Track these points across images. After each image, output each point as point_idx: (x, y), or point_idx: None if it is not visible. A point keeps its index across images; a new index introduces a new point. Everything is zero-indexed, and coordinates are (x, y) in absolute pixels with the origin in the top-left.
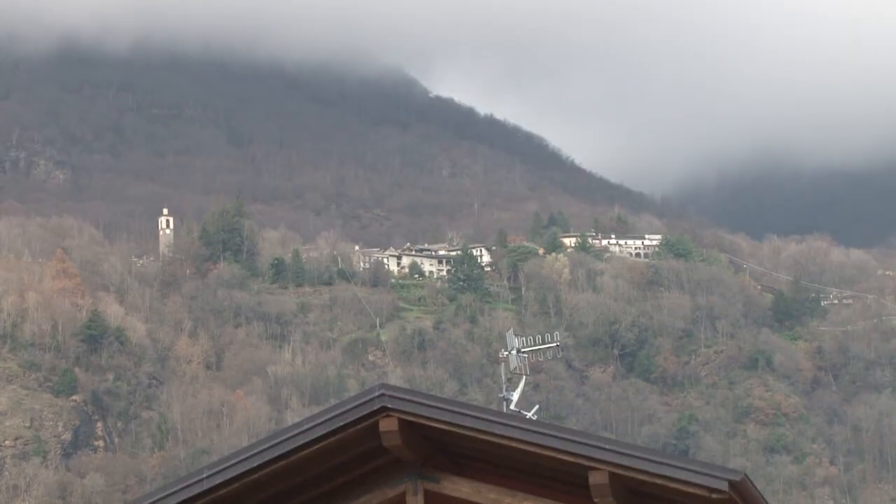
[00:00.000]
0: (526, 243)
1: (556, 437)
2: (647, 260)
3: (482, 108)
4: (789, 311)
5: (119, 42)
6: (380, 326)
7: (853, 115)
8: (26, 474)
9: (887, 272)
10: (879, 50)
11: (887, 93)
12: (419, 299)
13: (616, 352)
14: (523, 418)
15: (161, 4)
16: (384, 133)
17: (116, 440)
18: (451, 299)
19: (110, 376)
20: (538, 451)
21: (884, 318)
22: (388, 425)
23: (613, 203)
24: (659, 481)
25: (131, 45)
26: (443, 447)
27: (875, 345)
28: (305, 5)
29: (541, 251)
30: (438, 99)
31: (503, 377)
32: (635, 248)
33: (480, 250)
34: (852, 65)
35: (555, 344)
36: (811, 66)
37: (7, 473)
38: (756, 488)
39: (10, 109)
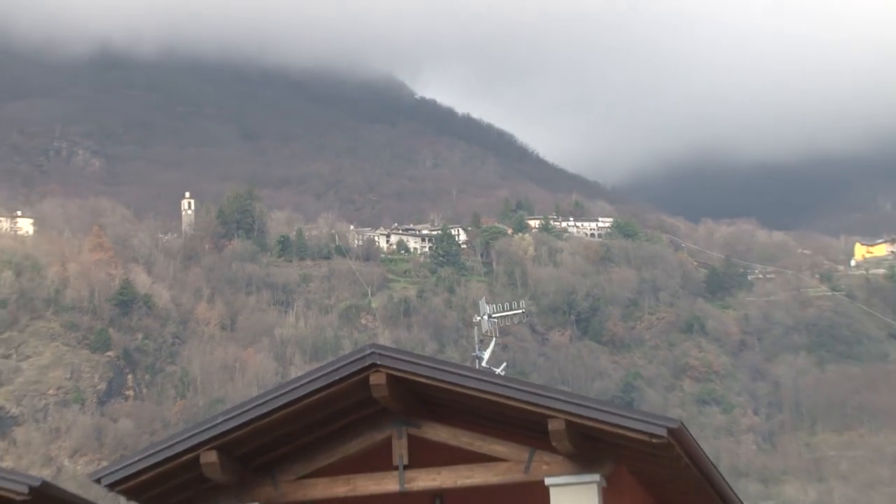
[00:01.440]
0: (497, 224)
1: (520, 389)
2: (600, 240)
3: (460, 109)
4: (721, 284)
5: (147, 48)
6: (371, 295)
7: (778, 115)
8: (66, 419)
9: (805, 251)
10: (803, 57)
11: (806, 94)
12: (405, 272)
13: (573, 318)
14: (493, 374)
15: (184, 15)
16: (376, 129)
17: (144, 390)
18: (433, 272)
19: (139, 336)
20: (505, 401)
21: (801, 290)
22: (377, 379)
23: (572, 191)
24: (608, 428)
25: (158, 51)
26: (424, 398)
27: (793, 313)
28: (309, 17)
29: (509, 231)
30: (423, 100)
31: (476, 339)
32: (590, 230)
33: (458, 230)
34: (776, 71)
35: (520, 311)
36: (741, 72)
37: (50, 418)
38: (690, 434)
39: (53, 106)
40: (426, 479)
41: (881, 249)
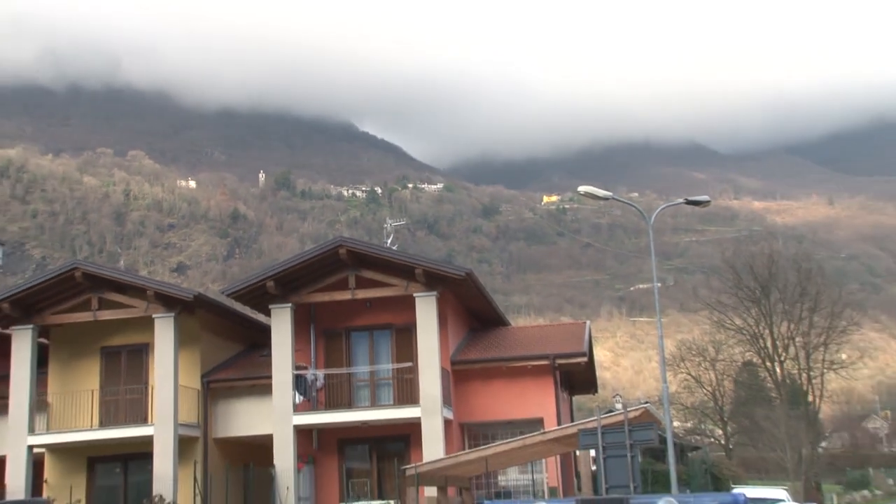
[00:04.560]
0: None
1: (403, 255)
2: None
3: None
4: None
5: (266, 112)
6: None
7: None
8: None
9: None
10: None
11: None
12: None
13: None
14: (393, 249)
15: (283, 87)
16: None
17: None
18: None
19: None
20: (398, 260)
21: None
22: (342, 251)
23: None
24: (441, 271)
25: (274, 114)
26: (363, 259)
27: None
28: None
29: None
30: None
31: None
32: (434, 189)
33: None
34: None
35: (402, 222)
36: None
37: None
38: (475, 274)
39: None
40: (363, 294)
41: None
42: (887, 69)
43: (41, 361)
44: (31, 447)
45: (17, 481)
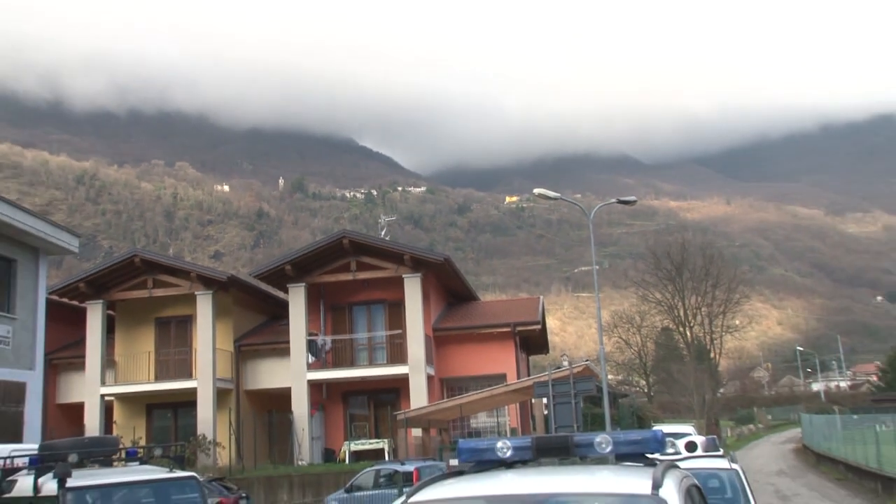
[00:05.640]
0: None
1: (394, 244)
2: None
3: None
4: None
5: (284, 130)
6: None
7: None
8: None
9: None
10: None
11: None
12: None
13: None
14: (381, 239)
15: (297, 110)
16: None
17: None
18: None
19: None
20: (396, 249)
21: None
22: (345, 241)
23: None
24: (422, 258)
25: (291, 132)
26: (362, 247)
27: None
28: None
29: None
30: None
31: (382, 223)
32: (418, 192)
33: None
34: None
35: (393, 217)
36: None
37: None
38: (452, 260)
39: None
40: (362, 275)
41: None
42: (769, 97)
43: (109, 329)
44: (102, 396)
45: (92, 422)
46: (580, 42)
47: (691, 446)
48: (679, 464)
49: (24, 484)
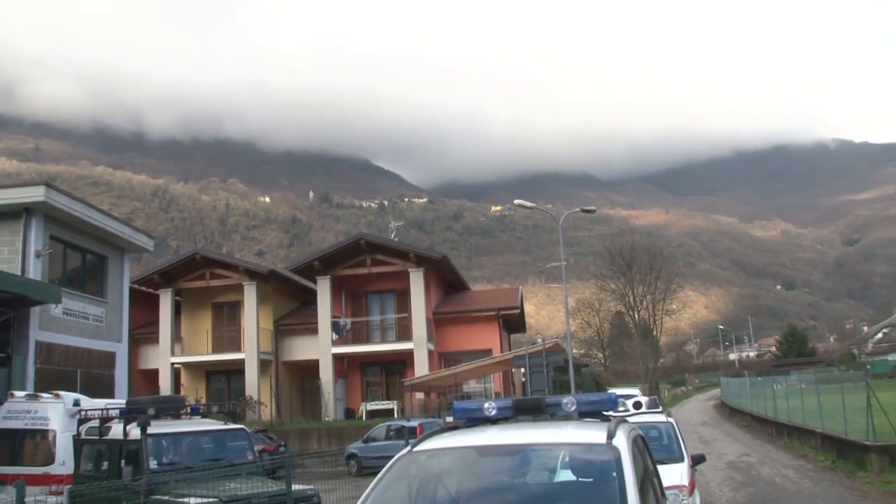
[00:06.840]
0: (395, 199)
1: (401, 244)
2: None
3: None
4: None
5: (314, 152)
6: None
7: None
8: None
9: None
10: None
11: None
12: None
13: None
14: (395, 241)
15: (325, 136)
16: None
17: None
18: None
19: None
20: (398, 247)
21: None
22: (362, 242)
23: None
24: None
25: (319, 154)
26: (375, 247)
27: None
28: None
29: (398, 201)
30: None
31: (392, 228)
32: (419, 202)
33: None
34: None
35: (401, 223)
36: None
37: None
38: (449, 258)
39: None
40: (375, 269)
41: None
42: (698, 128)
43: (177, 311)
44: (172, 364)
45: (165, 384)
46: (553, 81)
47: (637, 405)
48: (628, 419)
49: (116, 430)
